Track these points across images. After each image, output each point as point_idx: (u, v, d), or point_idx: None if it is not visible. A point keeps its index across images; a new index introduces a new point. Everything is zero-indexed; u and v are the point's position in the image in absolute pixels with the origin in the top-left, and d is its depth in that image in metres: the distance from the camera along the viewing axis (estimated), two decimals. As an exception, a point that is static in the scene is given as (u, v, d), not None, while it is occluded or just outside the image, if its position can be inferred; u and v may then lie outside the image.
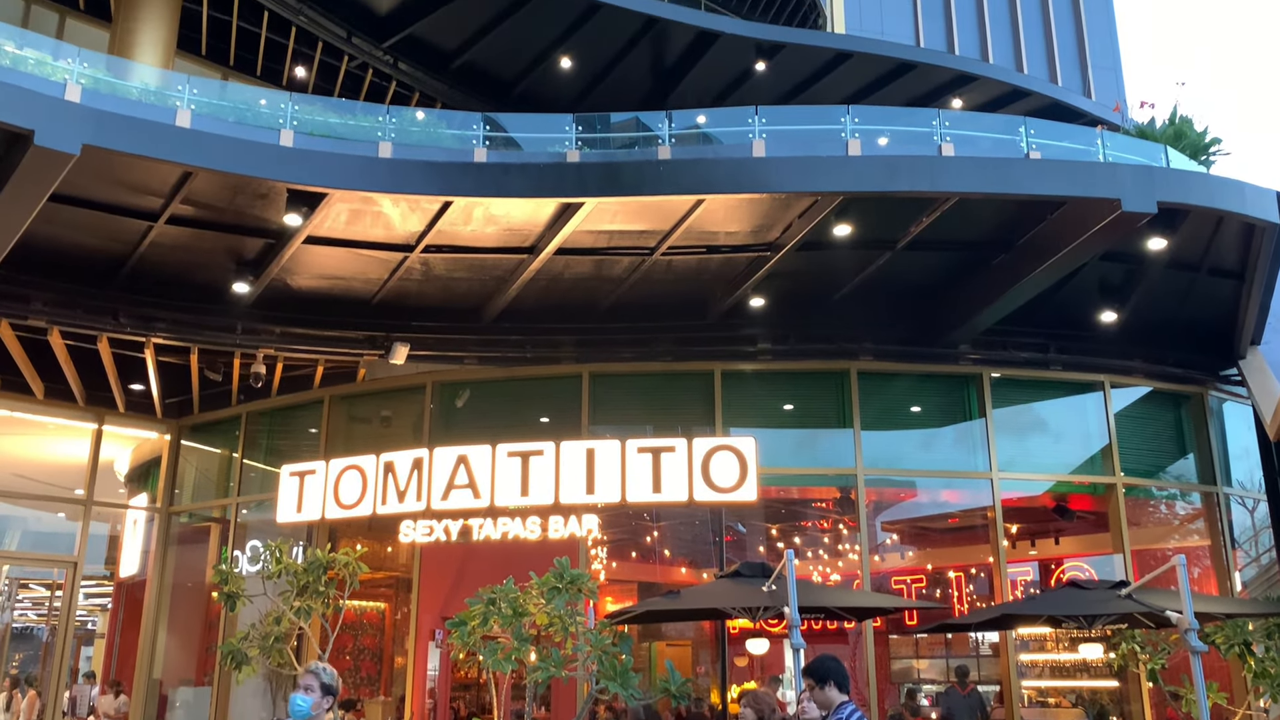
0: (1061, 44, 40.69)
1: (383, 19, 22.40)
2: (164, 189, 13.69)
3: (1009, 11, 40.44)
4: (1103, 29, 41.73)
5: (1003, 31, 40.21)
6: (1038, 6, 40.86)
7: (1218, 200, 14.00)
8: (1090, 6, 41.77)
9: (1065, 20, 41.11)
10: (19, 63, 15.02)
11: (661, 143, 16.83)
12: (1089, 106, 27.03)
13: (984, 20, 39.76)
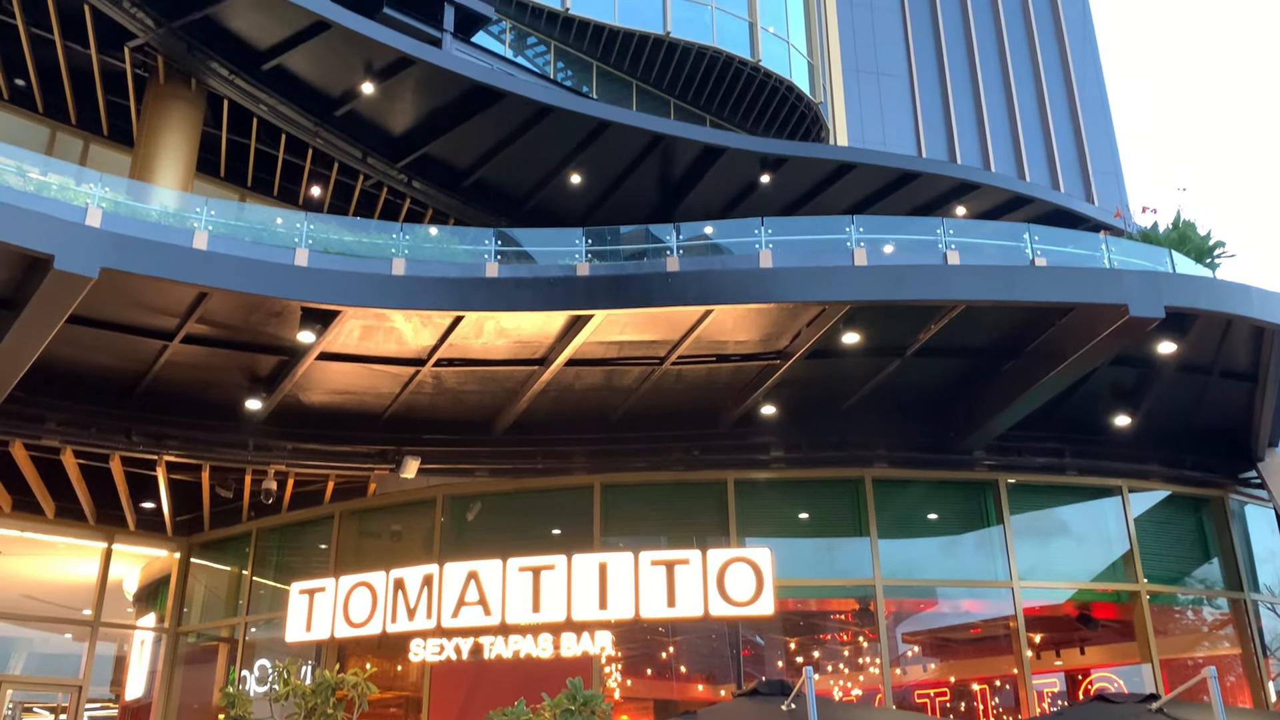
0: (1062, 151, 41.50)
1: (397, 139, 23.01)
2: (180, 309, 13.89)
3: (1008, 121, 41.37)
4: (1101, 135, 42.61)
5: (1003, 140, 41.07)
6: (1036, 116, 41.81)
7: (1225, 304, 14.05)
8: (1089, 114, 42.72)
9: (1064, 128, 42.03)
10: (43, 188, 15.44)
11: (670, 253, 17.08)
12: (1092, 212, 27.37)
13: (984, 130, 40.65)
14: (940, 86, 41.02)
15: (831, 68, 39.48)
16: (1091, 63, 44.44)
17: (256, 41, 20.30)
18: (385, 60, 20.73)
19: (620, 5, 33.84)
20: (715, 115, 36.34)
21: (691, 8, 34.36)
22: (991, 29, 43.27)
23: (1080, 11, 45.30)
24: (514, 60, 31.98)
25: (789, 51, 35.52)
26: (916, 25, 41.89)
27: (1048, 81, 43.03)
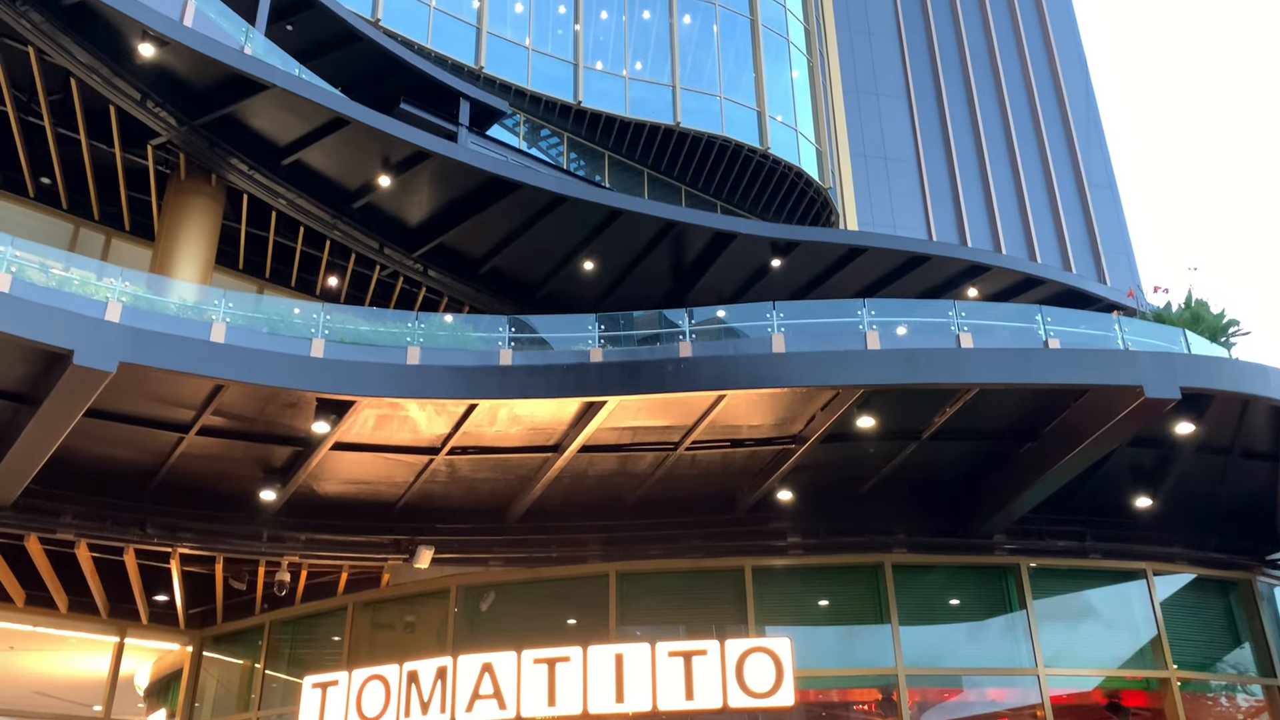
0: (1071, 231, 41.79)
1: (414, 230, 23.37)
2: (196, 401, 13.99)
3: (1017, 203, 41.77)
4: (1110, 215, 42.93)
5: (1013, 221, 41.42)
6: (1045, 197, 42.20)
7: (1242, 384, 13.97)
8: (1096, 195, 43.11)
9: (1073, 208, 42.37)
10: (64, 283, 15.70)
11: (682, 338, 17.16)
12: (1104, 292, 27.43)
13: (993, 212, 41.04)
14: (948, 170, 41.55)
15: (840, 153, 40.12)
16: (1097, 144, 45.01)
17: (276, 138, 20.80)
18: (402, 154, 21.16)
19: (631, 97, 34.67)
20: (726, 201, 36.88)
21: (700, 98, 35.15)
22: (997, 113, 43.98)
23: (1084, 94, 46.04)
24: (528, 152, 32.67)
25: (797, 139, 36.18)
26: (922, 112, 42.62)
27: (1054, 163, 43.54)
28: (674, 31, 35.94)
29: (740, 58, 36.63)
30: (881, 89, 42.46)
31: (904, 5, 44.93)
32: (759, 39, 36.77)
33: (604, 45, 35.43)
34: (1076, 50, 46.93)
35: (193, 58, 18.68)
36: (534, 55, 33.98)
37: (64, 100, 20.08)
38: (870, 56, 43.19)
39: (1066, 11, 48.07)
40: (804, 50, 38.87)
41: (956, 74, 44.02)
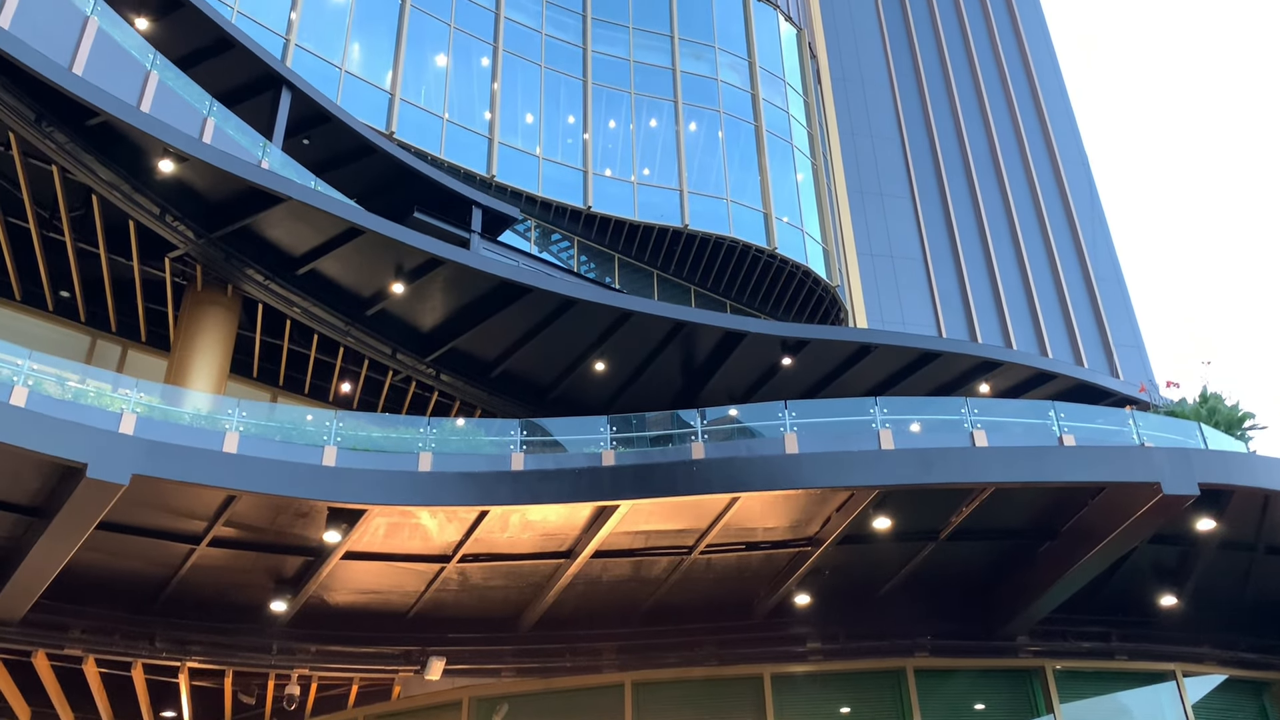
0: (1081, 325, 41.92)
1: (426, 335, 23.59)
2: (208, 512, 13.96)
3: (1025, 298, 42.01)
4: (1119, 309, 43.10)
5: (1022, 317, 41.60)
6: (1053, 292, 42.44)
7: (1261, 479, 13.82)
8: (1104, 289, 43.34)
9: (1082, 303, 42.57)
10: (80, 395, 15.82)
11: (695, 438, 17.11)
12: (1116, 386, 27.36)
13: (1002, 308, 41.26)
14: (955, 267, 41.93)
15: (846, 252, 40.58)
16: (1102, 238, 45.46)
17: (292, 248, 21.17)
18: (416, 261, 21.48)
19: (640, 201, 35.29)
20: (735, 300, 37.19)
21: (708, 201, 35.76)
22: (1001, 210, 44.56)
23: (1087, 190, 46.69)
24: (539, 256, 33.12)
25: (804, 239, 36.64)
26: (927, 211, 43.23)
27: (1061, 259, 43.92)
28: (680, 138, 36.78)
29: (746, 161, 37.38)
30: (886, 189, 43.17)
31: (905, 109, 45.99)
32: (763, 143, 37.58)
33: (612, 152, 36.23)
34: (1077, 148, 47.78)
35: (211, 173, 19.15)
36: (544, 163, 34.74)
37: (85, 216, 20.55)
38: (874, 158, 44.03)
39: (1065, 112, 49.09)
40: (808, 153, 39.67)
41: (960, 174, 44.77)
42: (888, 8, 49.46)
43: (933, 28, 49.44)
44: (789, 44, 42.20)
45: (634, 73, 37.90)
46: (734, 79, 38.98)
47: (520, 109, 35.25)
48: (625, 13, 39.17)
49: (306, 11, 31.00)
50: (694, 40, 39.29)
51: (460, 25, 34.89)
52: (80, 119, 18.17)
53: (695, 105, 37.81)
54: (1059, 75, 50.76)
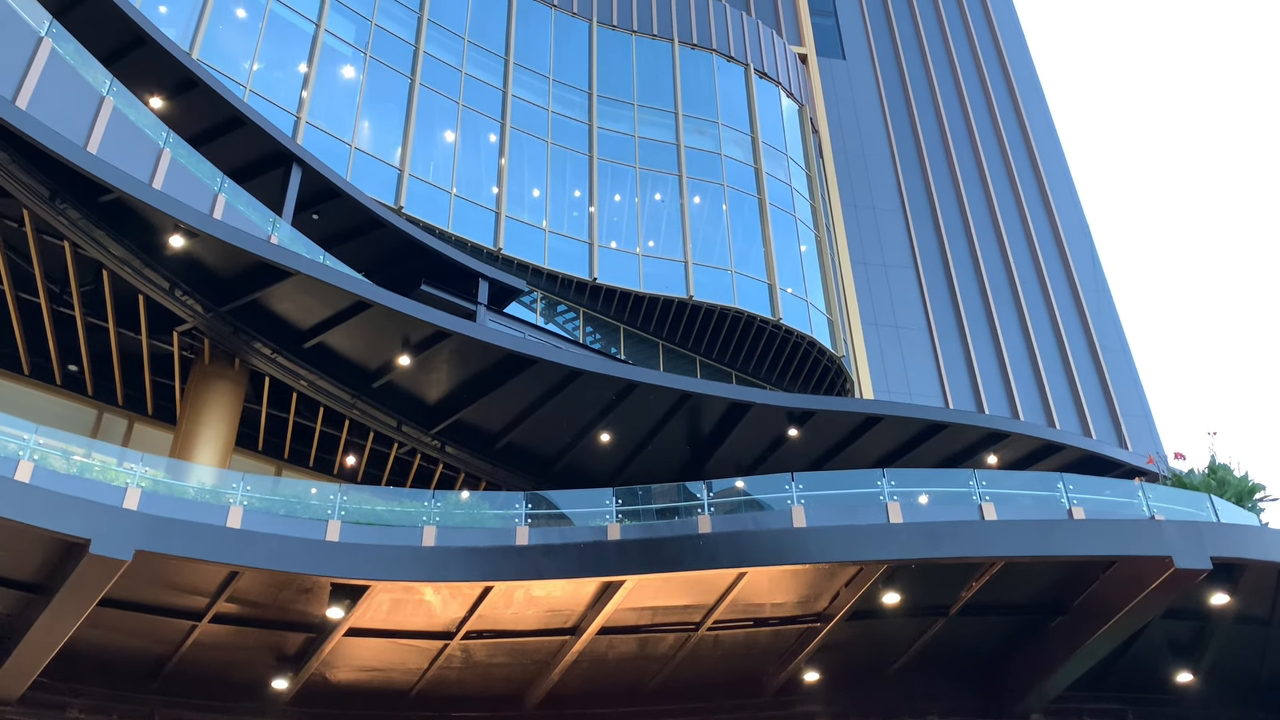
0: (1088, 395, 41.78)
1: (431, 407, 23.63)
2: (211, 588, 13.85)
3: (1031, 368, 41.96)
4: (1126, 378, 43.00)
5: (1028, 387, 41.52)
6: (1059, 362, 42.36)
7: (1274, 553, 13.69)
8: (1110, 358, 43.29)
9: (1088, 373, 42.48)
10: (85, 470, 15.81)
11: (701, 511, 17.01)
12: (1125, 457, 27.20)
13: (1008, 378, 41.21)
14: (960, 337, 42.01)
15: (851, 322, 40.72)
16: (1107, 308, 45.57)
17: (299, 321, 21.31)
18: (422, 334, 21.60)
19: (645, 273, 35.57)
20: (741, 371, 37.24)
21: (712, 273, 36.03)
22: (1005, 282, 44.76)
23: (1090, 261, 46.94)
24: (545, 327, 33.29)
25: (808, 309, 36.81)
26: (931, 282, 43.46)
27: (1066, 329, 43.99)
28: (685, 210, 37.20)
29: (749, 233, 37.74)
30: (889, 260, 43.49)
31: (907, 182, 46.51)
32: (767, 216, 37.98)
33: (618, 225, 36.63)
34: (1078, 217, 48.13)
35: (221, 248, 19.37)
36: (550, 236, 35.10)
37: (95, 291, 20.75)
38: (876, 230, 44.43)
39: (1065, 181, 49.56)
40: (811, 225, 40.06)
41: (962, 245, 45.10)
42: (888, 84, 50.33)
43: (932, 102, 50.24)
44: (791, 119, 42.88)
45: (639, 148, 38.48)
46: (737, 153, 39.55)
47: (527, 183, 35.73)
48: (630, 90, 39.90)
49: (318, 90, 31.62)
50: (697, 116, 39.96)
51: (469, 103, 35.55)
52: (94, 196, 18.46)
53: (699, 179, 38.31)
54: (1058, 145, 51.40)
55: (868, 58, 50.94)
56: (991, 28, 54.98)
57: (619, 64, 40.59)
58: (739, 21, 43.81)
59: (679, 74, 40.89)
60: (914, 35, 53.05)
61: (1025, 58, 54.70)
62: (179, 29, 28.52)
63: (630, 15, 42.08)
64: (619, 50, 41.03)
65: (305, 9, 32.60)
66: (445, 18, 36.86)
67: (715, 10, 43.47)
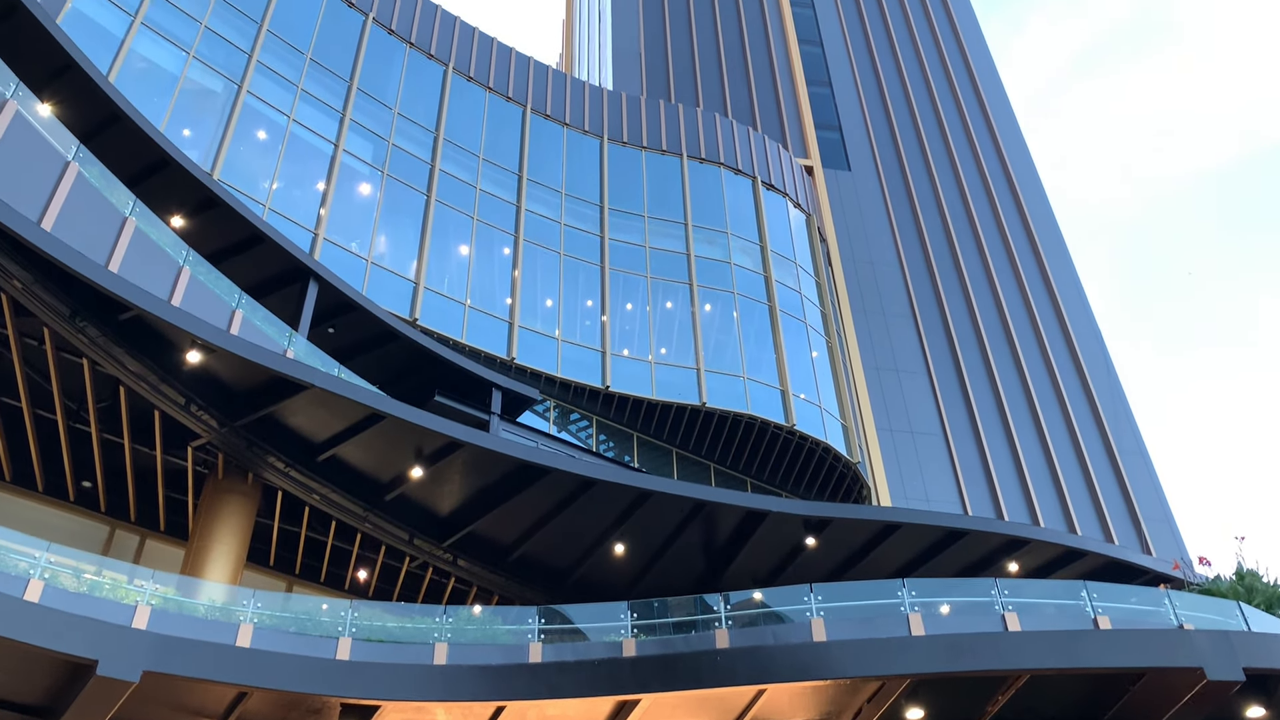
0: (1108, 500, 41.25)
1: (444, 519, 23.47)
2: (219, 708, 13.55)
3: (1049, 473, 41.55)
4: (1146, 482, 42.50)
5: (1047, 492, 41.05)
6: (1077, 467, 41.94)
7: (1310, 663, 13.26)
8: (1129, 462, 42.86)
9: (1107, 478, 42.00)
10: (95, 588, 15.67)
11: (718, 625, 16.65)
12: (1149, 563, 26.68)
13: (1027, 484, 40.79)
14: (976, 442, 41.76)
15: (866, 428, 40.56)
16: (1122, 411, 45.36)
17: (313, 435, 21.36)
18: (435, 445, 21.59)
19: (657, 380, 35.68)
20: (755, 478, 36.99)
21: (724, 379, 36.12)
22: (1018, 386, 44.70)
23: (1103, 365, 46.93)
24: (558, 436, 33.25)
25: (822, 415, 36.73)
26: (944, 387, 43.43)
27: (1082, 433, 43.71)
28: (696, 318, 37.53)
29: (761, 340, 37.97)
30: (901, 365, 43.56)
31: (916, 288, 46.93)
32: (777, 322, 38.27)
33: (630, 333, 36.93)
34: (1089, 322, 48.32)
35: (237, 362, 19.56)
36: (563, 345, 35.38)
37: (111, 407, 20.91)
38: (888, 336, 44.66)
39: (1074, 287, 49.91)
40: (822, 332, 40.31)
41: (974, 349, 45.22)
42: (893, 193, 51.22)
43: (938, 210, 51.02)
44: (799, 228, 43.56)
45: (649, 258, 39.06)
46: (746, 262, 40.08)
47: (540, 294, 36.19)
48: (640, 202, 40.72)
49: (336, 207, 32.36)
50: (707, 227, 40.65)
51: (483, 217, 36.29)
52: (113, 313, 18.75)
53: (710, 287, 38.75)
54: (1065, 250, 51.92)
55: (873, 169, 51.99)
56: (994, 138, 56.19)
57: (629, 177, 41.52)
58: (745, 136, 44.91)
59: (688, 186, 41.77)
60: (918, 146, 54.22)
61: (1029, 166, 55.76)
62: (201, 150, 29.38)
63: (640, 132, 43.21)
64: (629, 165, 42.01)
65: (324, 130, 33.61)
66: (461, 137, 37.92)
67: (722, 126, 44.61)
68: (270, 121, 32.17)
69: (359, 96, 35.58)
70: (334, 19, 36.79)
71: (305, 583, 24.80)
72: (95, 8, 28.50)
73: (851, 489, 37.20)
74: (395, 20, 39.00)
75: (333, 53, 35.82)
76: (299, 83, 33.79)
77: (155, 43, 29.91)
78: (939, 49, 60.63)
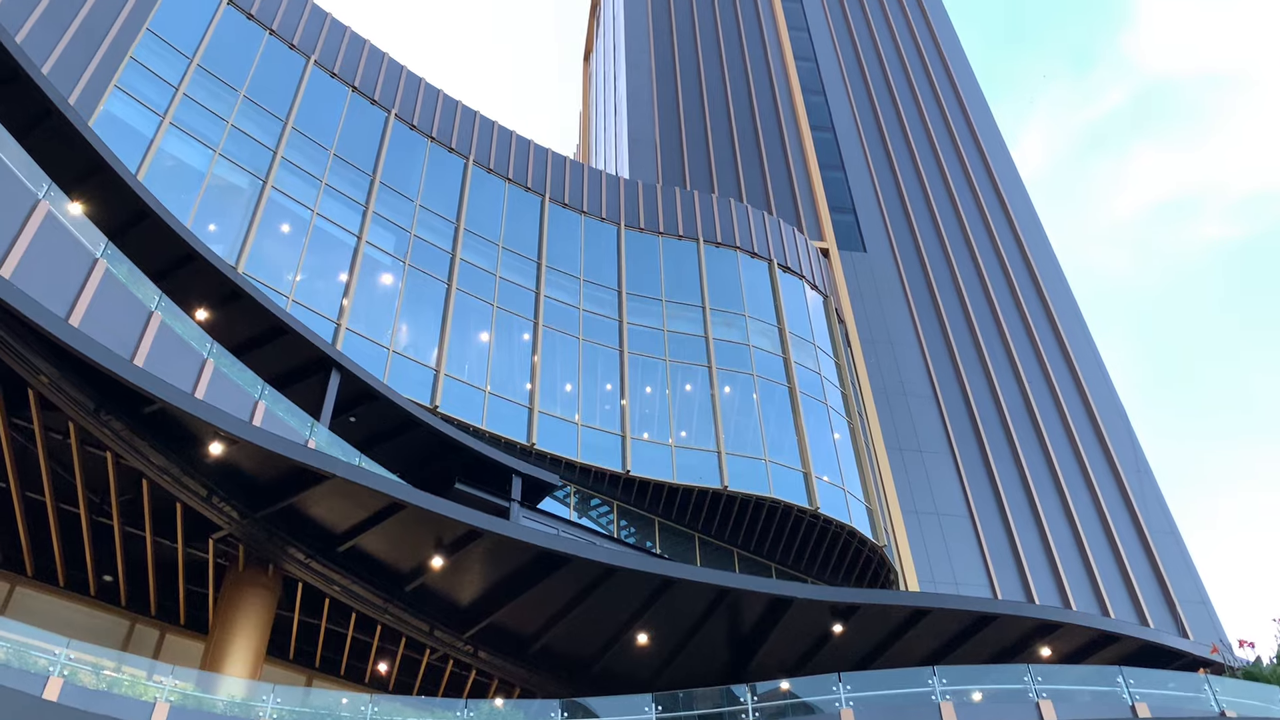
0: (1141, 583, 40.26)
1: (464, 610, 23.19)
2: (234, 811, 13.27)
3: (1079, 555, 40.69)
4: (1179, 564, 41.52)
5: (1078, 575, 40.16)
6: (1108, 549, 41.04)
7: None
8: (1160, 542, 41.94)
9: (1138, 559, 41.04)
10: (115, 684, 15.57)
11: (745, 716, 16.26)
12: (1187, 646, 25.96)
13: (1057, 566, 39.95)
14: (1003, 524, 41.11)
15: (890, 510, 40.08)
16: (1151, 490, 44.65)
17: (334, 525, 21.29)
18: (456, 534, 21.46)
19: (678, 464, 35.50)
20: (780, 563, 36.50)
21: (746, 462, 35.90)
22: (1045, 467, 44.13)
23: (1129, 444, 46.37)
24: (579, 522, 33.03)
25: (846, 498, 36.36)
26: (969, 466, 42.95)
27: (1111, 513, 42.97)
28: (715, 400, 37.49)
29: (782, 422, 37.83)
30: (924, 446, 43.17)
31: (936, 368, 46.75)
32: (798, 404, 38.16)
33: (649, 417, 36.90)
34: (1113, 400, 47.91)
35: (260, 453, 19.61)
36: (583, 429, 35.36)
37: (133, 500, 20.95)
38: (909, 416, 44.37)
39: (1096, 364, 49.63)
40: (843, 413, 40.14)
41: (997, 429, 44.82)
42: (910, 273, 51.43)
43: (955, 289, 51.12)
44: (816, 310, 43.73)
45: (668, 341, 39.23)
46: (765, 344, 40.17)
47: (559, 379, 36.32)
48: (658, 287, 41.07)
49: (358, 297, 32.79)
50: (724, 309, 40.87)
51: (503, 304, 36.65)
52: (138, 407, 18.91)
53: (729, 369, 38.79)
54: (1084, 326, 51.75)
55: (888, 250, 52.33)
56: (1009, 216, 56.56)
57: (646, 262, 41.97)
58: (760, 221, 45.43)
59: (705, 270, 42.14)
60: (932, 227, 54.62)
61: (1044, 243, 55.97)
62: (227, 245, 29.94)
63: (656, 218, 43.80)
64: (646, 250, 42.51)
65: (347, 223, 34.24)
66: (481, 226, 38.55)
67: (738, 211, 45.17)
68: (294, 215, 32.82)
69: (382, 189, 36.31)
70: (358, 115, 37.77)
71: (325, 676, 24.47)
72: (126, 109, 29.39)
73: (878, 573, 36.62)
74: (417, 116, 39.98)
75: (356, 148, 36.69)
76: (323, 177, 34.55)
77: (183, 141, 30.73)
78: (950, 132, 61.47)
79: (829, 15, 69.69)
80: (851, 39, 67.85)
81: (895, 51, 67.95)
